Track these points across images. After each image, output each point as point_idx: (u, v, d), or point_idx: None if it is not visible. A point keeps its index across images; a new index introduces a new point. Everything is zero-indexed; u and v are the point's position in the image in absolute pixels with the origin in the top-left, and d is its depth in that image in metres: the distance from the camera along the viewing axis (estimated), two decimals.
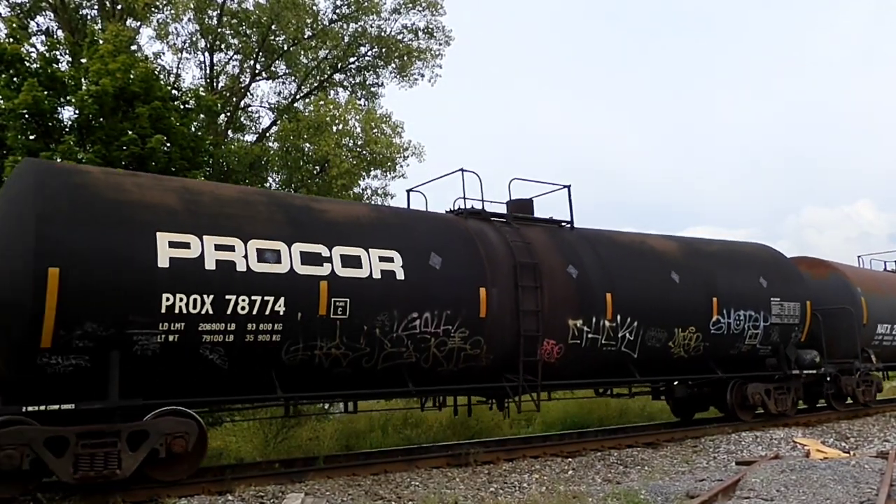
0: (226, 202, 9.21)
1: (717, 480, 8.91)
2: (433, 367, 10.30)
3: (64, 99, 15.77)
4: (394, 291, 9.79)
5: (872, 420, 16.17)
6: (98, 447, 7.93)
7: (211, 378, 8.82)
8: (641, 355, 12.56)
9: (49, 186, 8.12)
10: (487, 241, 11.24)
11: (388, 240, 10.07)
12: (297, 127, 21.59)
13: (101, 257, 7.99)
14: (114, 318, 7.98)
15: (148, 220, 8.43)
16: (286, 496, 8.31)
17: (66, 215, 7.99)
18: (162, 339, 8.26)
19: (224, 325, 8.58)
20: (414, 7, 23.97)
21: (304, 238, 9.35)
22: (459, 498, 8.72)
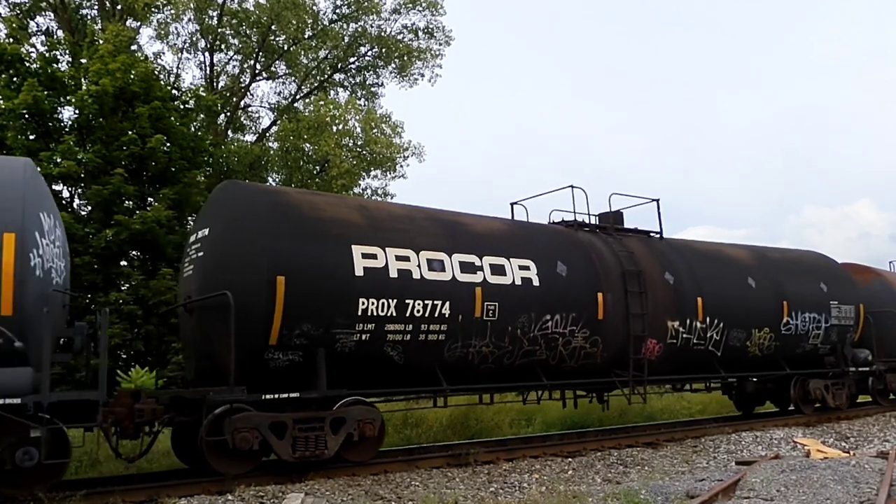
0: (396, 218, 10.55)
1: (717, 480, 8.91)
2: (559, 364, 11.60)
3: (64, 99, 15.79)
4: (531, 296, 11.04)
5: (872, 420, 16.17)
6: (310, 431, 9.18)
7: (389, 372, 10.07)
8: (724, 354, 13.86)
9: (265, 206, 9.47)
10: (598, 250, 12.53)
11: (524, 250, 11.38)
12: (297, 127, 21.61)
13: (314, 267, 9.26)
14: (323, 320, 9.26)
15: (343, 235, 9.70)
16: (286, 496, 8.30)
17: (285, 231, 9.30)
18: (357, 338, 9.56)
19: (403, 326, 9.90)
20: (414, 7, 23.99)
21: (461, 249, 10.67)
22: (459, 498, 8.72)
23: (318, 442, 9.16)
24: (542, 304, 11.09)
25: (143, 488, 8.38)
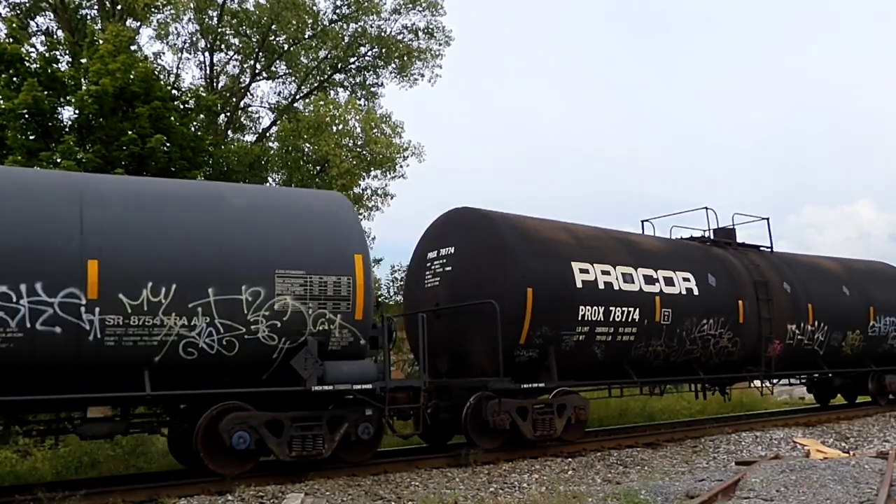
0: (591, 237, 12.76)
1: (717, 480, 8.90)
2: (707, 360, 13.82)
3: (64, 99, 15.78)
4: (692, 303, 13.24)
5: (872, 420, 16.18)
6: (545, 415, 11.29)
7: (592, 367, 12.30)
8: (825, 353, 16.12)
9: (510, 230, 11.57)
10: (733, 263, 14.64)
11: (684, 264, 13.61)
12: (297, 127, 21.59)
13: (550, 280, 11.36)
14: (555, 323, 11.39)
15: (563, 253, 11.84)
16: (286, 496, 8.31)
17: (528, 251, 11.40)
18: (576, 339, 11.74)
19: (607, 329, 12.06)
20: (414, 7, 23.97)
21: (642, 264, 12.83)
22: (459, 498, 8.72)
23: (551, 423, 11.30)
24: (700, 310, 13.34)
25: (143, 488, 8.39)
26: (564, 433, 11.57)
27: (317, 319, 9.19)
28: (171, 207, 8.81)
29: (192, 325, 8.44)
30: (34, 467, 11.16)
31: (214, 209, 9.06)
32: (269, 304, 8.88)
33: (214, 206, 9.10)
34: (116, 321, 8.07)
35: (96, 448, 11.37)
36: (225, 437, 8.64)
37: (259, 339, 8.83)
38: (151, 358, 8.31)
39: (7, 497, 8.14)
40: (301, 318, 9.08)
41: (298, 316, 9.06)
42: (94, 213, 8.25)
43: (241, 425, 8.72)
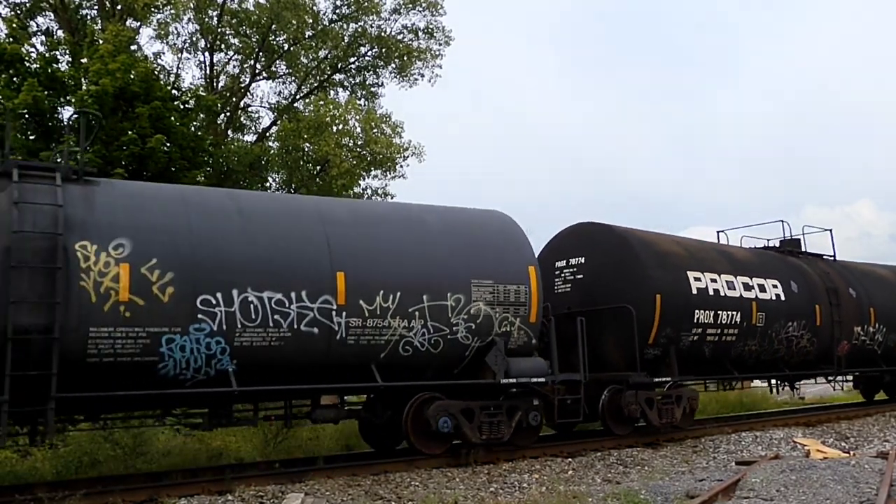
0: (698, 249, 14.47)
1: (717, 480, 8.91)
2: (790, 359, 15.50)
3: (64, 99, 15.78)
4: (780, 307, 14.87)
5: (872, 420, 16.20)
6: (668, 405, 13.02)
7: (699, 363, 13.88)
8: (883, 352, 17.69)
9: (638, 243, 13.22)
10: (806, 271, 16.19)
11: (771, 272, 15.25)
12: (297, 127, 21.59)
13: (673, 287, 13.01)
14: (676, 326, 13.04)
15: (680, 263, 13.45)
16: (286, 496, 8.31)
17: (654, 262, 13.03)
18: (690, 339, 13.37)
19: (715, 331, 13.67)
20: (414, 7, 23.96)
21: (740, 273, 14.44)
22: (459, 498, 8.72)
23: (672, 412, 13.05)
24: (785, 313, 14.95)
25: (143, 488, 8.39)
26: (680, 421, 13.31)
27: (501, 322, 10.74)
28: (388, 226, 10.40)
29: (411, 326, 9.99)
30: (34, 467, 11.17)
31: (420, 228, 10.66)
32: (466, 309, 10.41)
33: (420, 226, 10.69)
34: (357, 323, 9.60)
35: (96, 448, 11.38)
36: (432, 421, 10.18)
37: (458, 338, 10.40)
38: (378, 354, 9.85)
39: (7, 497, 8.15)
40: (490, 321, 10.63)
41: (488, 319, 10.61)
42: (335, 232, 9.83)
43: (444, 412, 10.27)
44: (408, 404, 10.21)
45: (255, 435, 13.05)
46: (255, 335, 8.89)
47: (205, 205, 9.29)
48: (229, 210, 9.36)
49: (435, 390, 10.38)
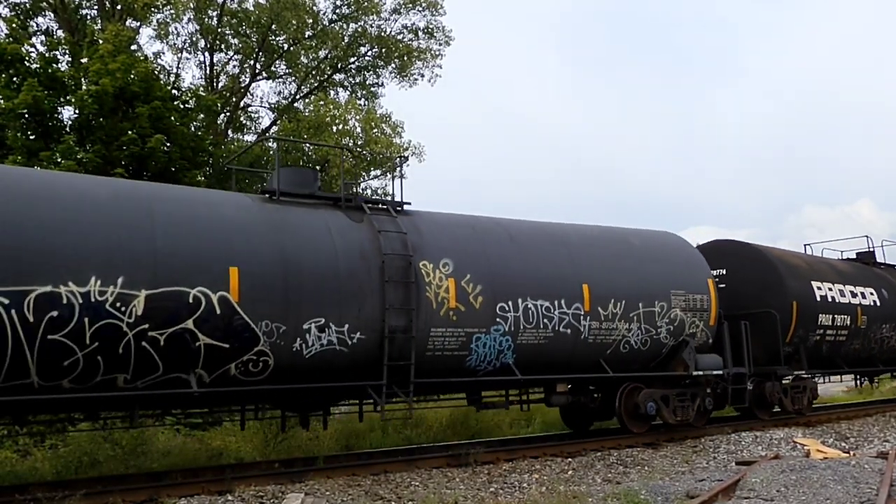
0: (813, 262, 17.07)
1: (717, 480, 8.91)
2: (879, 356, 18.11)
3: (64, 99, 15.77)
4: (877, 312, 17.42)
5: (872, 420, 16.20)
6: (798, 393, 15.70)
7: (817, 360, 16.13)
8: None
9: (773, 258, 15.60)
10: (889, 279, 18.73)
11: (866, 281, 17.69)
12: (297, 127, 21.59)
13: (803, 295, 15.44)
14: (805, 327, 15.39)
15: (805, 275, 15.96)
16: (286, 496, 8.31)
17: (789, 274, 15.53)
18: (814, 339, 15.72)
19: (832, 332, 16.10)
20: (414, 7, 23.97)
21: (845, 281, 16.93)
22: (459, 498, 8.72)
23: (801, 400, 15.60)
24: (880, 316, 17.49)
25: (143, 488, 8.39)
26: (805, 407, 15.76)
27: (690, 325, 13.06)
28: (612, 245, 12.80)
29: (630, 328, 12.25)
30: (34, 467, 11.16)
31: (629, 248, 12.96)
32: (667, 314, 12.71)
33: (627, 246, 12.97)
34: (595, 326, 11.84)
35: (96, 448, 11.38)
36: (641, 405, 12.43)
37: (660, 338, 12.73)
38: (606, 351, 12.09)
39: (7, 497, 8.15)
40: (683, 323, 12.98)
41: (682, 322, 12.97)
42: (574, 252, 12.09)
43: (651, 398, 12.52)
44: (619, 391, 12.48)
45: (256, 435, 13.04)
46: (530, 335, 11.19)
47: (488, 232, 11.52)
48: (503, 236, 11.62)
49: (637, 381, 12.65)
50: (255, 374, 9.01)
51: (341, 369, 9.62)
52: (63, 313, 7.70)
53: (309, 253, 9.49)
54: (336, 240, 9.83)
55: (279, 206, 9.86)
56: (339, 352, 9.47)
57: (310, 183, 10.62)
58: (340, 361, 9.55)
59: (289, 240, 9.41)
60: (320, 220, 10.01)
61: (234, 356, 8.74)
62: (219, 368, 8.73)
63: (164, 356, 8.29)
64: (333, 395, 10.78)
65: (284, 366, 9.14)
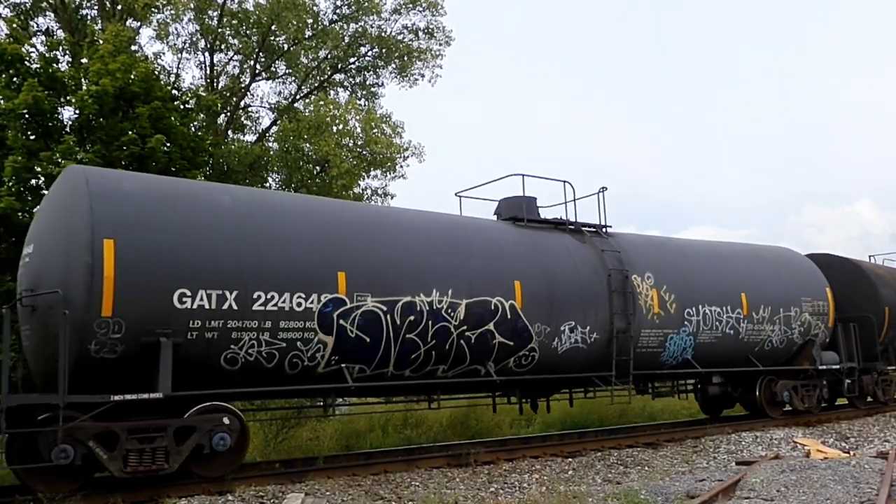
0: (887, 271, 19.19)
1: (718, 480, 8.91)
2: None
3: (64, 99, 15.75)
4: None
5: (872, 420, 16.20)
6: (887, 385, 17.85)
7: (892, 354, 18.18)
8: None
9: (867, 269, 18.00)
10: None
11: None
12: (298, 127, 21.56)
13: (891, 301, 17.67)
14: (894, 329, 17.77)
15: (891, 284, 18.06)
16: (286, 496, 8.31)
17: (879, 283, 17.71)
18: None
19: None
20: (414, 7, 23.94)
21: None
22: (459, 498, 8.72)
23: (886, 391, 17.71)
24: None
25: (144, 488, 8.38)
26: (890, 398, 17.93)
27: (815, 326, 15.59)
28: (753, 258, 15.50)
29: (773, 329, 14.85)
30: None
31: (764, 260, 15.56)
32: (799, 317, 15.27)
33: (762, 259, 15.59)
34: (750, 328, 14.41)
35: None
36: (778, 394, 14.91)
37: (794, 338, 15.32)
38: (754, 349, 14.66)
39: (7, 497, 8.14)
40: (810, 325, 15.51)
41: (809, 324, 15.49)
42: (731, 264, 14.78)
43: (787, 388, 15.08)
44: (759, 382, 15.00)
45: (256, 435, 13.05)
46: (706, 335, 13.66)
47: (668, 248, 14.16)
48: (678, 252, 14.15)
49: (772, 374, 15.15)
50: (525, 366, 11.46)
51: (579, 362, 12.05)
52: (416, 318, 10.01)
53: (560, 268, 11.93)
54: (574, 258, 12.30)
55: (528, 230, 12.34)
56: (581, 348, 11.94)
57: (525, 208, 12.73)
58: (580, 356, 12.01)
59: (545, 258, 11.88)
60: (559, 242, 12.51)
61: (515, 351, 11.17)
62: (503, 361, 11.12)
63: (472, 351, 10.67)
64: (569, 384, 13.12)
65: (544, 360, 11.57)
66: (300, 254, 9.27)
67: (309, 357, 9.27)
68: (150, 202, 8.56)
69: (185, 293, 8.35)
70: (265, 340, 8.87)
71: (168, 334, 8.23)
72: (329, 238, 9.65)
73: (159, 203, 8.63)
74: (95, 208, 8.10)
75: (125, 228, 8.18)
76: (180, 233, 8.53)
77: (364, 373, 9.82)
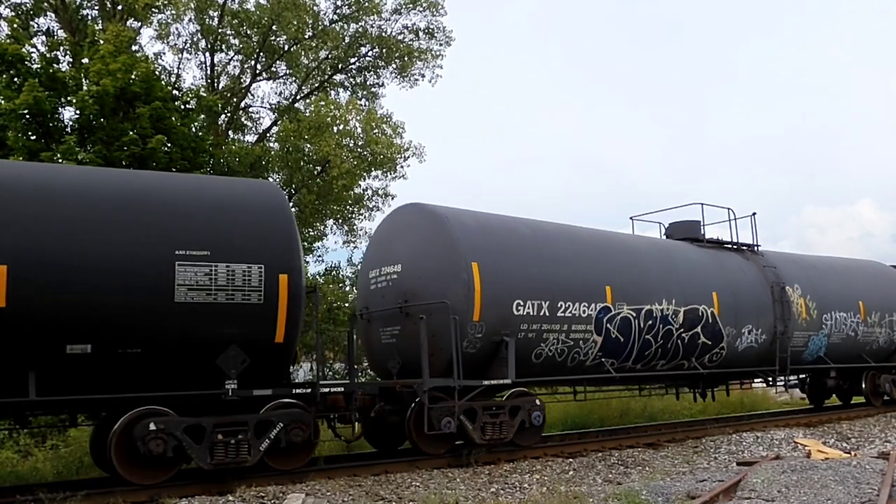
0: None
1: (718, 481, 8.91)
2: None
3: (65, 99, 15.76)
4: None
5: (873, 420, 16.19)
6: None
7: None
8: None
9: None
10: None
11: None
12: (298, 127, 21.55)
13: None
14: None
15: None
16: (287, 496, 8.31)
17: None
18: None
19: None
20: (414, 7, 23.93)
21: None
22: (460, 498, 8.72)
23: None
24: None
25: (144, 488, 8.38)
26: None
27: None
28: (859, 269, 18.33)
29: (881, 332, 17.67)
30: (35, 468, 11.16)
31: (865, 272, 18.24)
32: (891, 321, 18.00)
33: (864, 271, 18.27)
34: (865, 330, 17.18)
35: None
36: (881, 386, 17.57)
37: (893, 338, 18.04)
38: (865, 348, 17.43)
39: (8, 497, 8.15)
40: None
41: None
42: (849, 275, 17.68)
43: (889, 381, 17.54)
44: (864, 376, 17.50)
45: None
46: (836, 336, 16.45)
47: (801, 262, 16.68)
48: (807, 266, 16.72)
49: (874, 369, 17.55)
50: (715, 361, 14.16)
51: (751, 359, 14.82)
52: (652, 322, 12.73)
53: (740, 281, 14.66)
54: (747, 273, 15.01)
55: (708, 250, 15.07)
56: (753, 347, 14.70)
57: (696, 230, 15.36)
58: (753, 354, 14.76)
59: (728, 273, 14.63)
60: (733, 259, 15.21)
61: (711, 349, 13.89)
62: (702, 357, 13.82)
63: (685, 349, 13.39)
64: (739, 376, 16.41)
65: (729, 356, 14.27)
66: (582, 272, 12.05)
67: (584, 353, 12.02)
68: (485, 233, 11.31)
69: (520, 303, 11.10)
70: (561, 339, 11.64)
71: (508, 334, 10.91)
72: (599, 260, 12.50)
73: (491, 233, 11.41)
74: (459, 239, 10.87)
75: (481, 255, 10.86)
76: (509, 256, 11.26)
77: (612, 366, 12.42)
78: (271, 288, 8.68)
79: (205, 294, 8.34)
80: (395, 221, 11.96)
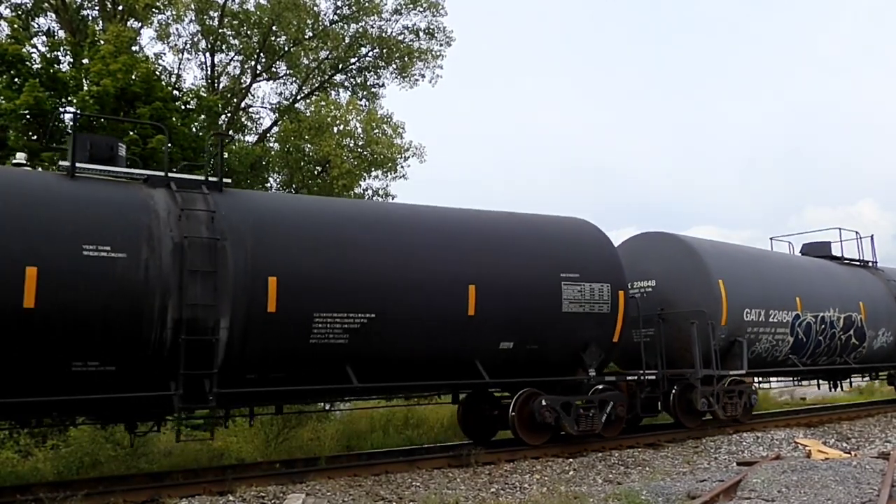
0: None
1: (719, 481, 8.90)
2: None
3: (65, 99, 15.77)
4: None
5: (874, 420, 16.19)
6: None
7: None
8: None
9: None
10: None
11: None
12: (298, 127, 21.57)
13: None
14: None
15: None
16: (287, 496, 8.31)
17: None
18: None
19: None
20: (415, 8, 23.94)
21: None
22: (460, 498, 8.72)
23: None
24: None
25: (144, 488, 8.39)
26: None
27: None
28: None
29: None
30: (35, 468, 11.16)
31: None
32: None
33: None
34: None
35: (97, 448, 11.38)
36: None
37: None
38: None
39: (8, 497, 8.16)
40: None
41: None
42: None
43: None
44: None
45: (257, 435, 13.04)
46: None
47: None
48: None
49: None
50: (857, 358, 16.89)
51: (881, 356, 18.05)
52: (825, 326, 16.01)
53: (873, 293, 17.85)
54: (877, 285, 18.15)
55: (842, 266, 18.04)
56: (884, 347, 17.84)
57: (827, 249, 18.38)
58: (882, 352, 18.00)
59: (864, 285, 17.86)
60: (864, 274, 18.33)
61: (857, 348, 17.03)
62: (849, 355, 16.95)
63: (842, 348, 16.65)
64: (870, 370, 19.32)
65: (867, 354, 17.34)
66: (780, 285, 15.32)
67: (779, 351, 15.15)
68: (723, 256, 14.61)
69: (748, 311, 14.37)
70: (769, 340, 14.73)
71: (741, 336, 14.12)
72: (793, 276, 15.98)
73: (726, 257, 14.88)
74: (709, 263, 14.05)
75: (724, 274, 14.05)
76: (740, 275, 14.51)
77: (796, 360, 15.59)
78: (614, 301, 11.78)
79: (578, 305, 11.43)
80: (640, 245, 14.81)
